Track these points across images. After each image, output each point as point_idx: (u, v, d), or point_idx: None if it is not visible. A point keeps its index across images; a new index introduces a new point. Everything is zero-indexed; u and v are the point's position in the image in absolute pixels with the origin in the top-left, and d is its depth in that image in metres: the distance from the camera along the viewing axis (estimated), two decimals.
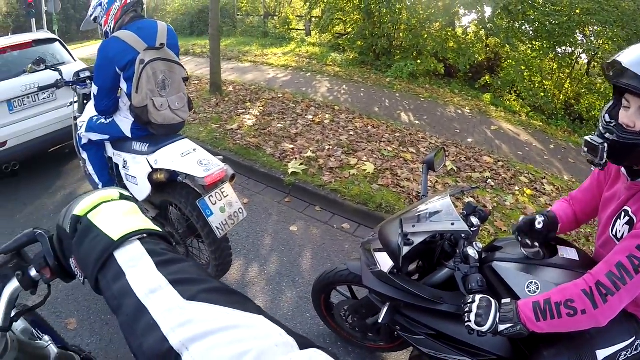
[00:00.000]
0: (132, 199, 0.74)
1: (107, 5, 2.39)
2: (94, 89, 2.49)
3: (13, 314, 0.77)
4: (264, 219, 3.62)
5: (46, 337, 1.00)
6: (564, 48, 9.20)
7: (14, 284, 0.75)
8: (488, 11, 9.56)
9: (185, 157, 2.37)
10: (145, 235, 0.62)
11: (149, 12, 21.67)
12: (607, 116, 1.28)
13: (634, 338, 1.37)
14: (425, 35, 10.24)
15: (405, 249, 1.44)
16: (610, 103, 1.30)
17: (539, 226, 1.55)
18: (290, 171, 4.18)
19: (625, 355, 1.37)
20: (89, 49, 13.60)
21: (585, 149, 1.28)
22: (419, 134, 5.65)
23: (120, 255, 0.58)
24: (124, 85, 2.43)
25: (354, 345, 2.31)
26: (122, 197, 0.72)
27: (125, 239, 0.59)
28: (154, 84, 2.33)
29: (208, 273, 0.61)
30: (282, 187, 4.12)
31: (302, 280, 2.87)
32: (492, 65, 10.68)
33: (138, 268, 0.56)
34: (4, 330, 0.75)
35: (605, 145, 1.22)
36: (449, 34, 10.47)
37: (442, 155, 1.97)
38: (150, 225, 0.65)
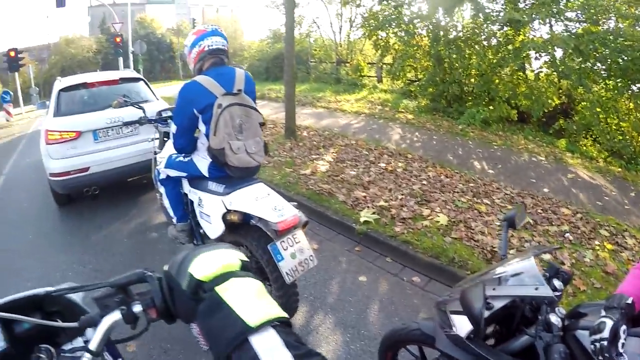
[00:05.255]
0: (252, 267, 0.75)
1: (188, 50, 2.59)
2: (173, 128, 2.65)
3: None
4: (332, 267, 3.56)
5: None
6: (639, 85, 8.47)
7: (115, 316, 0.78)
8: (559, 52, 9.18)
9: (259, 201, 2.40)
10: (277, 323, 0.63)
11: None
12: None
13: None
14: (497, 80, 10.02)
15: (486, 314, 1.34)
16: None
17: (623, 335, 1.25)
18: (362, 219, 4.12)
19: None
20: (170, 89, 14.59)
21: None
22: (493, 184, 5.41)
23: (257, 342, 0.59)
24: (202, 127, 2.56)
25: None
26: (243, 265, 0.74)
27: (261, 326, 0.61)
28: (231, 128, 2.44)
29: None
30: (353, 235, 4.06)
31: (367, 333, 2.75)
32: (566, 109, 10.12)
33: None
34: (96, 355, 0.78)
35: None
36: (520, 78, 10.18)
37: (522, 211, 1.85)
38: (280, 311, 0.66)
